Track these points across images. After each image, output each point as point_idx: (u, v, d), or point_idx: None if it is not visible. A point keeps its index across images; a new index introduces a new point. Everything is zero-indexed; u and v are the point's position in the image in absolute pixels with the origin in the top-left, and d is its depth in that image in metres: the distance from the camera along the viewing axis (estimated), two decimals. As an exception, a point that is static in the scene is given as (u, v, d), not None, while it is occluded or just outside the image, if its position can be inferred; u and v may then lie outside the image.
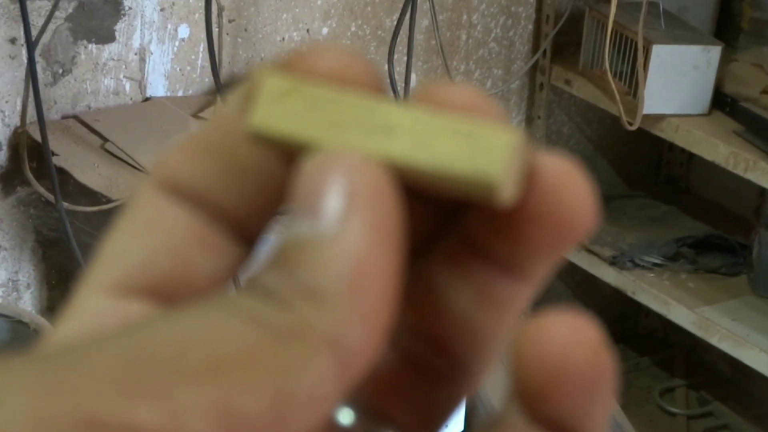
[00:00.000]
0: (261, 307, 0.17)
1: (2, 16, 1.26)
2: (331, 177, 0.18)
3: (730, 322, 1.47)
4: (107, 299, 0.20)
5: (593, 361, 0.18)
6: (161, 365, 0.16)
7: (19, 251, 1.36)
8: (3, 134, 1.30)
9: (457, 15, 1.59)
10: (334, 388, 0.17)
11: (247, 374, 0.16)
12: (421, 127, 0.18)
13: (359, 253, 0.17)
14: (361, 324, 0.17)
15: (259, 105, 0.19)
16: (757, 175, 1.39)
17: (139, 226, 0.20)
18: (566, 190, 0.19)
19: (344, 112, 0.19)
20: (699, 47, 1.44)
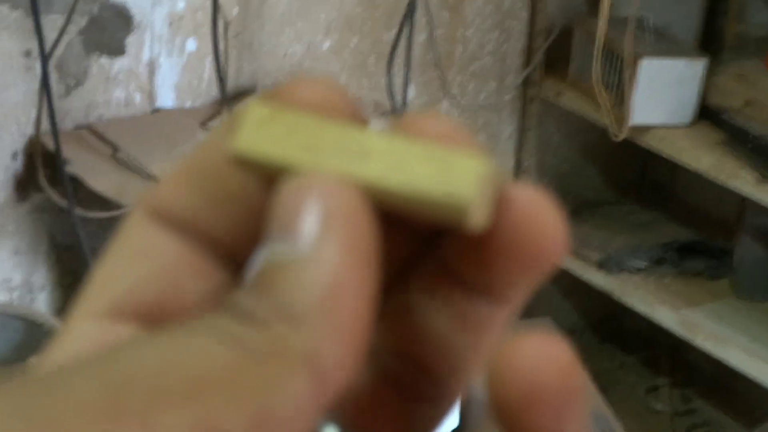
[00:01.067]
0: (239, 328, 0.17)
1: (17, 30, 1.25)
2: (307, 199, 0.17)
3: (713, 324, 1.48)
4: (98, 324, 0.20)
5: (564, 380, 0.18)
6: (142, 389, 0.16)
7: (34, 255, 1.36)
8: (18, 143, 1.29)
9: (452, 30, 1.59)
10: (311, 404, 0.17)
11: (226, 394, 0.16)
12: (396, 153, 0.18)
13: (334, 273, 0.17)
14: (337, 342, 0.17)
15: (242, 131, 0.19)
16: (739, 183, 1.38)
17: (129, 254, 0.20)
18: (536, 219, 0.19)
19: (323, 138, 0.18)
20: (684, 60, 1.44)
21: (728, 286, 1.55)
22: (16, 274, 1.36)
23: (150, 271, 0.20)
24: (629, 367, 1.85)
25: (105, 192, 1.19)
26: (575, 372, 0.18)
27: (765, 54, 1.52)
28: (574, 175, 1.81)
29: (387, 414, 0.21)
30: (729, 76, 1.52)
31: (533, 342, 0.18)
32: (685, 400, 1.79)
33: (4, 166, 1.29)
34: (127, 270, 0.20)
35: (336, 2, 1.48)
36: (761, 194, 1.36)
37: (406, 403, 0.21)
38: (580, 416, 0.18)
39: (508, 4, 1.63)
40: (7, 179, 1.29)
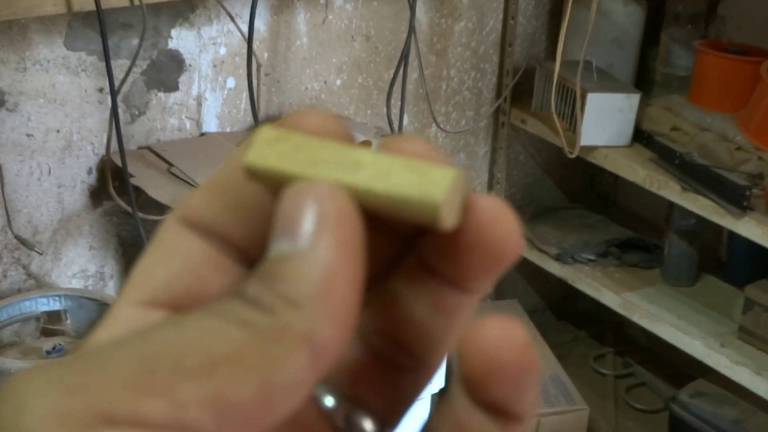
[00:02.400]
0: (248, 313, 0.16)
1: (92, 71, 1.25)
2: (304, 203, 0.17)
3: (647, 304, 1.48)
4: (137, 311, 0.19)
5: (521, 356, 0.17)
6: (165, 365, 0.16)
7: (105, 250, 1.36)
8: (93, 161, 1.29)
9: (438, 70, 1.59)
10: (309, 376, 0.16)
11: (236, 369, 0.16)
12: (382, 165, 0.18)
13: (328, 265, 0.17)
14: (330, 323, 0.16)
15: (253, 148, 0.18)
16: (667, 192, 1.39)
17: (164, 253, 0.20)
18: (496, 223, 0.18)
19: (321, 154, 0.18)
20: (623, 95, 1.44)
21: (659, 274, 1.55)
22: (91, 265, 1.36)
23: (180, 268, 0.19)
24: (581, 339, 1.83)
25: (161, 199, 1.18)
26: (530, 350, 0.18)
27: (686, 90, 1.52)
28: (536, 186, 1.79)
29: (376, 384, 0.20)
30: (658, 107, 1.51)
31: (495, 324, 0.17)
32: (626, 365, 1.78)
33: (81, 180, 1.29)
34: (162, 267, 0.19)
35: (346, 49, 1.47)
36: (684, 201, 1.37)
37: (391, 375, 0.20)
38: (535, 387, 0.18)
39: (483, 50, 1.63)
40: (83, 190, 1.30)
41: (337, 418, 0.20)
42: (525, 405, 0.18)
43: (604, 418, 1.67)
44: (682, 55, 1.55)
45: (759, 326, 1.38)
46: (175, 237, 0.20)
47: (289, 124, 0.19)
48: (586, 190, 1.85)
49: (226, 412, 0.16)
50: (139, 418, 0.15)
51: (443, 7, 1.56)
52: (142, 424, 0.15)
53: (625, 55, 1.57)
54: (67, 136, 1.29)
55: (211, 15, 1.34)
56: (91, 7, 1.00)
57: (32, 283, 1.33)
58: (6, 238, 1.28)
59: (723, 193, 1.32)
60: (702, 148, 1.41)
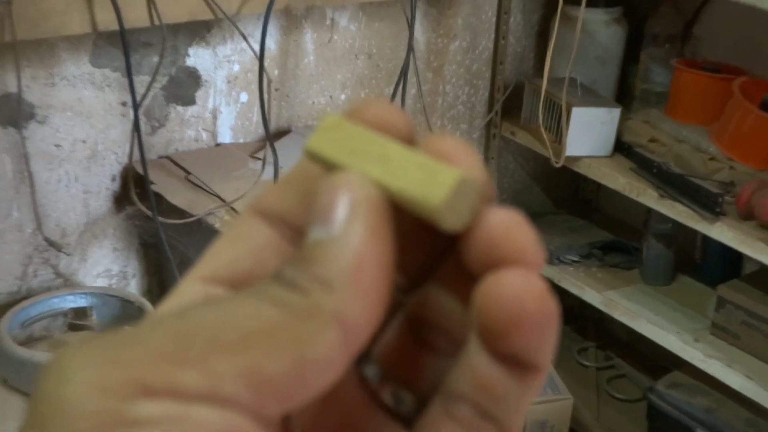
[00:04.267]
0: (284, 293, 0.16)
1: (116, 87, 1.25)
2: (338, 193, 0.17)
3: (627, 302, 1.47)
4: (199, 285, 0.19)
5: (542, 306, 0.17)
6: (203, 340, 0.15)
7: (128, 251, 1.36)
8: (116, 169, 1.30)
9: (435, 86, 1.59)
10: (341, 353, 0.16)
11: (271, 345, 0.16)
12: (404, 160, 0.18)
13: (358, 249, 0.16)
14: (360, 304, 0.16)
15: (315, 133, 0.18)
16: (645, 198, 1.38)
17: (233, 237, 0.20)
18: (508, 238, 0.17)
19: (360, 144, 0.18)
20: (605, 109, 1.43)
21: (638, 274, 1.53)
22: (114, 265, 1.36)
23: (244, 250, 0.19)
24: (565, 334, 1.82)
25: (179, 204, 1.19)
26: (549, 299, 0.17)
27: (664, 105, 1.52)
28: (524, 193, 1.79)
29: (416, 364, 0.20)
30: (637, 120, 1.51)
31: (514, 274, 0.17)
32: (607, 358, 1.77)
33: (105, 186, 1.30)
34: (228, 249, 0.19)
35: (350, 66, 1.47)
36: (661, 207, 1.36)
37: (433, 358, 0.20)
38: (553, 336, 0.17)
39: (476, 67, 1.62)
40: (108, 196, 1.31)
41: (385, 394, 0.19)
42: (544, 355, 0.17)
43: (587, 407, 1.67)
44: (659, 73, 1.55)
45: (730, 323, 1.38)
46: (245, 224, 0.19)
47: (357, 113, 0.19)
48: (571, 197, 1.86)
49: (261, 385, 0.15)
50: (174, 389, 0.15)
51: (439, 28, 1.57)
52: (177, 395, 0.15)
53: (607, 72, 1.58)
54: (93, 147, 1.29)
55: (225, 35, 1.34)
56: (115, 27, 1.00)
57: (60, 281, 1.34)
58: (36, 240, 1.28)
59: (697, 199, 1.32)
60: (678, 159, 1.41)
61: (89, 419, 0.15)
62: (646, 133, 1.48)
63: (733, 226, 1.28)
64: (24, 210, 1.26)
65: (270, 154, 1.24)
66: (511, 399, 0.17)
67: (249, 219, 0.20)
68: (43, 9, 0.96)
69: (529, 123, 1.55)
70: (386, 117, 0.19)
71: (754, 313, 1.34)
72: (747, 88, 1.40)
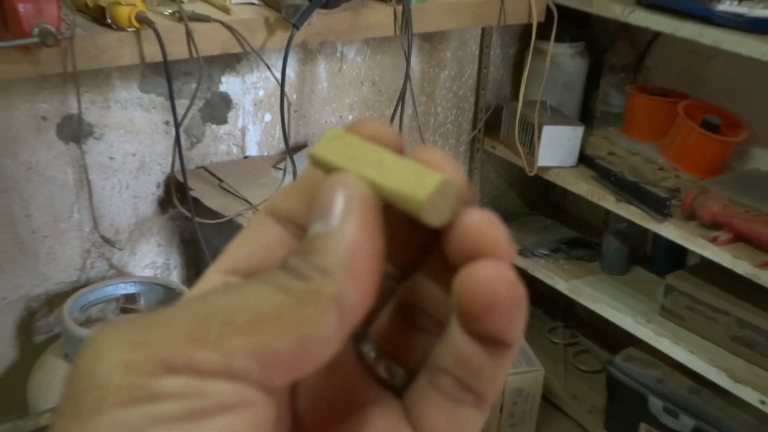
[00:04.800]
0: (288, 280, 0.16)
1: (161, 109, 1.26)
2: (335, 191, 0.17)
3: (589, 289, 1.47)
4: (220, 276, 0.19)
5: (511, 292, 0.16)
6: (217, 322, 0.15)
7: (170, 247, 1.36)
8: (161, 178, 1.30)
9: (428, 108, 1.59)
10: (338, 332, 0.16)
11: (278, 326, 0.15)
12: (396, 166, 0.17)
13: (352, 241, 0.16)
14: (355, 288, 0.16)
15: (320, 143, 0.18)
16: (604, 202, 1.38)
17: (249, 236, 0.19)
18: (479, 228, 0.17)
19: (359, 152, 0.18)
20: (570, 127, 1.44)
21: (598, 266, 1.53)
22: (159, 258, 1.36)
23: (259, 246, 0.19)
24: (537, 316, 1.83)
25: (214, 207, 1.18)
26: (518, 285, 0.16)
27: (620, 124, 1.52)
28: (502, 197, 1.79)
29: (407, 343, 0.19)
30: (598, 137, 1.51)
31: (488, 265, 0.16)
32: (573, 336, 1.77)
33: (151, 192, 1.30)
34: (245, 245, 0.19)
35: (357, 91, 1.47)
36: (618, 209, 1.36)
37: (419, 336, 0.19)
38: (522, 318, 0.17)
39: (462, 92, 1.62)
40: (153, 200, 1.31)
41: (379, 368, 0.19)
42: (515, 334, 0.17)
43: (556, 377, 1.67)
44: (616, 97, 1.56)
45: (676, 307, 1.38)
46: (259, 224, 0.19)
47: (352, 127, 0.19)
48: (542, 200, 1.85)
49: (268, 361, 0.15)
50: (194, 366, 0.15)
51: (432, 60, 1.57)
52: (197, 371, 0.15)
53: (572, 96, 1.58)
54: (141, 159, 1.29)
55: (252, 65, 1.34)
56: (159, 59, 1.00)
57: (113, 272, 1.34)
58: (93, 237, 1.29)
59: (648, 203, 1.32)
60: (632, 169, 1.41)
61: (119, 393, 0.14)
62: (605, 147, 1.49)
63: (679, 225, 1.28)
64: (83, 212, 1.27)
65: (289, 164, 1.24)
66: (487, 372, 0.17)
67: (263, 220, 0.19)
68: (100, 44, 0.96)
69: (507, 139, 1.56)
70: (380, 131, 0.19)
71: (696, 298, 1.34)
72: (690, 110, 1.41)
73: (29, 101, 1.17)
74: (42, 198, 1.22)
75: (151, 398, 0.14)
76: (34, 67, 0.92)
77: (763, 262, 1.17)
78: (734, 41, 1.14)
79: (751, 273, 1.17)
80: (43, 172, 1.21)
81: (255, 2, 1.15)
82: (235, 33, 1.05)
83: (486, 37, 1.59)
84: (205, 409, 0.14)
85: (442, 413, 0.18)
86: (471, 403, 0.18)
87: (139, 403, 0.14)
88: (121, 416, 0.14)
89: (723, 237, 1.21)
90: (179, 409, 0.14)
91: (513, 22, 1.34)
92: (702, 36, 1.19)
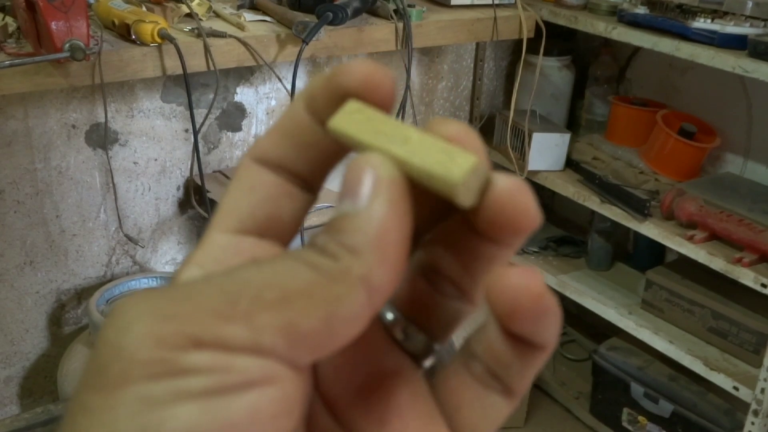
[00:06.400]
0: (318, 258, 0.15)
1: (181, 117, 1.26)
2: (363, 171, 0.15)
3: (576, 283, 1.47)
4: (228, 236, 0.17)
5: (536, 302, 0.15)
6: (248, 297, 0.14)
7: (189, 245, 1.36)
8: (180, 181, 1.30)
9: (427, 116, 1.57)
10: (366, 311, 0.15)
11: (306, 303, 0.14)
12: (424, 143, 0.16)
13: (381, 221, 0.15)
14: (383, 268, 0.15)
15: (337, 115, 0.16)
16: (590, 203, 1.37)
17: (247, 187, 0.17)
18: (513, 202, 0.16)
19: (382, 126, 0.16)
20: (558, 134, 1.43)
21: (584, 262, 1.53)
22: (179, 255, 1.35)
23: (262, 199, 0.17)
24: None
25: None
26: (545, 296, 0.15)
27: (604, 131, 1.51)
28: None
29: (429, 308, 0.18)
30: (583, 143, 1.50)
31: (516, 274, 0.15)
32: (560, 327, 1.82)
33: (172, 194, 1.30)
34: (246, 199, 0.17)
35: None
36: (602, 210, 1.36)
37: (442, 301, 0.18)
38: (553, 324, 0.16)
39: (458, 102, 1.61)
40: (174, 202, 1.31)
41: (396, 331, 0.18)
42: (544, 338, 0.16)
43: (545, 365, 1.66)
44: (600, 106, 1.55)
45: (656, 300, 1.37)
46: (253, 173, 0.17)
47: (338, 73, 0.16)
48: (532, 202, 1.85)
49: (296, 339, 0.14)
50: (222, 342, 0.14)
51: (430, 72, 1.56)
52: (225, 347, 0.14)
53: (559, 105, 1.57)
54: (162, 164, 1.29)
55: (265, 77, 1.34)
56: (180, 71, 1.01)
57: (137, 268, 1.34)
58: (118, 236, 1.29)
59: (630, 204, 1.31)
60: (615, 172, 1.41)
61: (145, 366, 0.13)
62: (590, 152, 1.48)
63: (658, 224, 1.28)
64: (109, 213, 1.26)
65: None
66: (515, 368, 0.16)
67: (254, 168, 0.17)
68: (125, 58, 0.97)
69: (499, 145, 1.55)
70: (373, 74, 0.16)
71: (674, 292, 1.34)
72: (667, 119, 1.41)
73: (61, 111, 1.17)
74: (71, 200, 1.22)
75: (178, 373, 0.13)
76: (65, 80, 0.93)
77: (735, 258, 1.17)
78: (708, 56, 1.15)
79: (725, 269, 1.18)
80: (73, 175, 1.21)
81: (268, 19, 1.15)
82: (250, 48, 1.06)
83: (480, 51, 1.59)
84: (232, 385, 0.13)
85: (470, 392, 0.17)
86: (499, 390, 0.17)
87: (166, 377, 0.13)
88: (146, 390, 0.13)
89: (699, 235, 1.21)
90: (206, 384, 0.13)
91: (505, 37, 1.34)
92: (678, 51, 1.19)
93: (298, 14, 1.12)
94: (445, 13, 1.28)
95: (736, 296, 1.26)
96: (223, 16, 1.14)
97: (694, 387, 1.37)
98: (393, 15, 1.20)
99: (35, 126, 1.16)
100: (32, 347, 1.29)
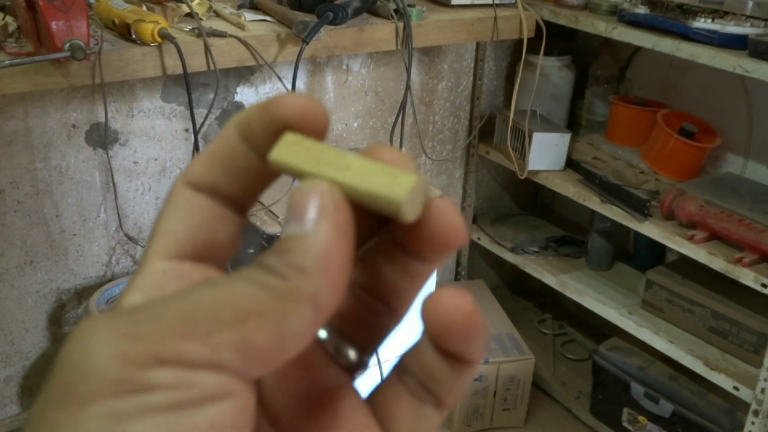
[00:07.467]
0: (267, 278, 0.15)
1: (181, 117, 1.26)
2: (310, 196, 0.16)
3: (576, 283, 1.47)
4: (167, 262, 0.18)
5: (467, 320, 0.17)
6: (205, 316, 0.15)
7: None
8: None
9: (427, 116, 1.58)
10: (313, 326, 0.16)
11: (259, 321, 0.15)
12: (365, 168, 0.17)
13: (326, 243, 0.16)
14: (329, 287, 0.16)
15: (277, 147, 0.17)
16: (590, 203, 1.37)
17: (182, 213, 0.18)
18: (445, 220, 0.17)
19: (322, 155, 0.17)
20: (558, 134, 1.42)
21: (584, 262, 1.54)
22: None
23: (198, 224, 0.18)
24: (528, 308, 1.83)
25: None
26: (475, 315, 0.17)
27: (604, 131, 1.51)
28: (496, 199, 1.78)
29: (359, 324, 0.19)
30: (583, 143, 1.50)
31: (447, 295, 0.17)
32: (561, 327, 1.77)
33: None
34: (183, 224, 0.18)
35: (361, 101, 1.46)
36: (602, 209, 1.36)
37: (371, 317, 0.19)
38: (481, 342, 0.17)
39: (458, 102, 1.61)
40: None
41: (329, 347, 0.19)
42: (473, 354, 0.17)
43: (545, 365, 1.66)
44: (600, 106, 1.55)
45: (656, 300, 1.37)
46: (188, 199, 0.18)
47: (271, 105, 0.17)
48: (532, 201, 1.85)
49: (250, 354, 0.15)
50: (184, 359, 0.15)
51: (430, 71, 1.56)
52: (186, 364, 0.15)
53: (560, 105, 1.57)
54: (162, 163, 1.29)
55: (265, 77, 1.34)
56: (180, 71, 1.01)
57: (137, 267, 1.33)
58: (119, 235, 1.29)
59: (630, 204, 1.31)
60: (615, 172, 1.41)
61: (112, 384, 0.14)
62: (590, 152, 1.49)
63: (658, 224, 1.28)
64: (109, 212, 1.26)
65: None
66: (446, 382, 0.18)
67: (188, 194, 0.18)
68: (125, 58, 0.97)
69: (500, 144, 1.55)
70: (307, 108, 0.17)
71: (674, 292, 1.34)
72: (668, 119, 1.41)
73: (61, 110, 1.17)
74: (71, 199, 1.22)
75: (143, 389, 0.14)
76: (66, 79, 0.93)
77: (736, 258, 1.17)
78: (708, 55, 1.15)
79: (725, 269, 1.18)
80: (73, 175, 1.21)
81: (268, 19, 1.15)
82: (250, 47, 1.06)
83: (480, 51, 1.59)
84: (193, 399, 0.14)
85: (404, 404, 0.18)
86: (431, 402, 0.18)
87: (132, 393, 0.14)
88: (113, 406, 0.14)
89: (699, 235, 1.21)
90: (170, 399, 0.14)
91: (505, 37, 1.34)
92: (679, 50, 1.19)
93: (298, 14, 1.12)
94: (446, 13, 1.29)
95: (737, 296, 1.26)
96: (224, 15, 1.14)
97: (695, 387, 1.37)
98: (393, 15, 1.20)
99: (35, 126, 1.16)
100: (32, 347, 1.29)
